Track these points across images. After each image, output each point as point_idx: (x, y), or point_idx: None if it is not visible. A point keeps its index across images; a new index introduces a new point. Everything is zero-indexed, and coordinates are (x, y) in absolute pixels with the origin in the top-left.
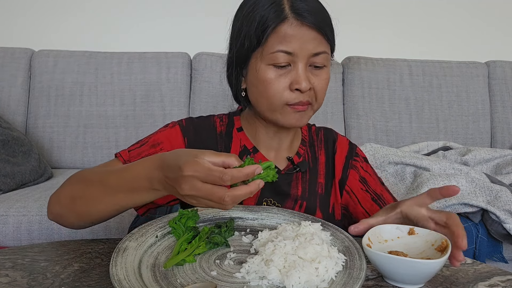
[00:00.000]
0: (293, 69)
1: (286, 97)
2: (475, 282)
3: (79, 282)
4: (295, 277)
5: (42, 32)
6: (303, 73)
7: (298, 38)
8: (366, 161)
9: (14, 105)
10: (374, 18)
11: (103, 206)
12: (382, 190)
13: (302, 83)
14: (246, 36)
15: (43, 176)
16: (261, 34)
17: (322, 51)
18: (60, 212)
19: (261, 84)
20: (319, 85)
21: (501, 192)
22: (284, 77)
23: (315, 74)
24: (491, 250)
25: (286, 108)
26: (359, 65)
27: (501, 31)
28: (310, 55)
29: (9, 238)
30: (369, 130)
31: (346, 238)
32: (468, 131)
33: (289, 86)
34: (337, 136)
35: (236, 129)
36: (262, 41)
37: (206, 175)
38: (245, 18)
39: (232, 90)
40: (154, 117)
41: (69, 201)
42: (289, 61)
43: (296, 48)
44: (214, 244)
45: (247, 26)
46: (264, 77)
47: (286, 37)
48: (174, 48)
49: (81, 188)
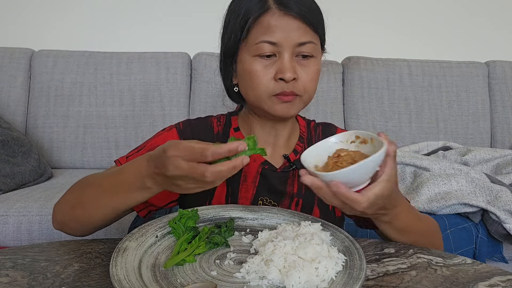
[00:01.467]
0: (278, 59)
1: (271, 87)
2: (475, 282)
3: (79, 282)
4: (295, 277)
5: (42, 32)
6: (288, 63)
7: (282, 28)
8: None
9: (13, 105)
10: (374, 18)
11: (100, 210)
12: None
13: (286, 72)
14: (233, 28)
15: (43, 176)
16: (245, 26)
17: (308, 40)
18: (62, 220)
19: (247, 76)
20: (307, 76)
21: (501, 192)
22: (270, 67)
23: (302, 65)
24: (491, 250)
25: (273, 98)
26: (358, 65)
27: (501, 31)
28: (295, 45)
29: (9, 238)
30: (369, 130)
31: (346, 238)
32: (468, 131)
33: (274, 76)
34: (336, 130)
35: (233, 129)
36: (246, 32)
37: (188, 153)
38: (233, 12)
39: (224, 85)
40: (153, 117)
41: (70, 208)
42: (274, 51)
43: (280, 38)
44: (214, 244)
45: (234, 19)
46: (250, 68)
47: (269, 27)
48: (174, 48)
49: (79, 194)
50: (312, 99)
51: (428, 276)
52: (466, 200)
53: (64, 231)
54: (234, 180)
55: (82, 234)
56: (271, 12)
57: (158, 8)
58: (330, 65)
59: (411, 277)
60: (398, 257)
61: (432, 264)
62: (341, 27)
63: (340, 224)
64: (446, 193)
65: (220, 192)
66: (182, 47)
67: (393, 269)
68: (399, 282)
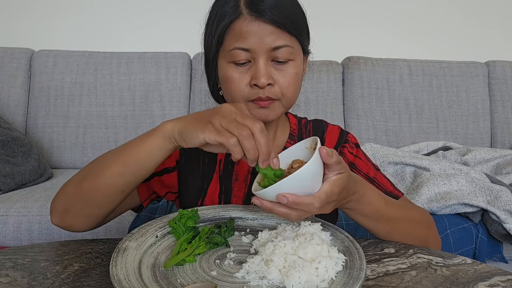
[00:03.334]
0: (253, 65)
1: (247, 93)
2: (475, 282)
3: (79, 282)
4: (295, 277)
5: (42, 32)
6: (263, 69)
7: (254, 34)
8: (358, 147)
9: (13, 105)
10: (374, 18)
11: (108, 173)
12: (376, 174)
13: (260, 79)
14: (211, 34)
15: (43, 176)
16: (220, 32)
17: (283, 44)
18: (65, 204)
19: (225, 82)
20: (284, 81)
21: (501, 192)
22: (245, 74)
23: (279, 69)
24: (491, 250)
25: (250, 104)
26: (358, 65)
27: (501, 31)
28: (269, 50)
29: (9, 238)
30: (368, 130)
31: (346, 238)
32: (468, 131)
33: (249, 82)
34: (327, 126)
35: None
36: (221, 39)
37: (241, 113)
38: (210, 17)
39: (209, 88)
40: (153, 117)
41: (77, 185)
42: (249, 57)
43: (253, 44)
44: (214, 244)
45: (211, 24)
46: (226, 75)
47: (241, 33)
48: (174, 48)
49: (88, 167)
50: (312, 99)
51: (428, 276)
52: (466, 200)
53: (63, 223)
54: (227, 179)
55: (84, 223)
56: (243, 18)
57: (158, 8)
58: (330, 65)
59: (411, 277)
60: (398, 257)
61: (432, 264)
62: (341, 27)
63: (334, 220)
64: (446, 193)
65: (213, 190)
66: (182, 47)
67: (393, 269)
68: (399, 282)
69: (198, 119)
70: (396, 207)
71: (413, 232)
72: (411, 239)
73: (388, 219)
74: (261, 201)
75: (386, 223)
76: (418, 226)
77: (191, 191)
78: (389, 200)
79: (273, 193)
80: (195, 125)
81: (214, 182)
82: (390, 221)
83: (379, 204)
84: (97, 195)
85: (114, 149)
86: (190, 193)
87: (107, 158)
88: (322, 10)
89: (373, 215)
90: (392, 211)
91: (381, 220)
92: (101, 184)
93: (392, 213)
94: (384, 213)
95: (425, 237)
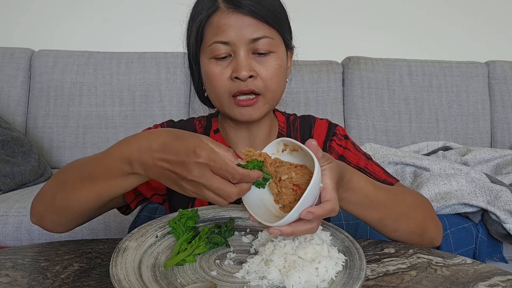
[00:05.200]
0: (234, 58)
1: (228, 87)
2: (475, 282)
3: (79, 282)
4: (295, 277)
5: (42, 32)
6: (243, 61)
7: (232, 26)
8: (347, 138)
9: (13, 105)
10: (374, 18)
11: (81, 197)
12: (368, 163)
13: (241, 71)
14: (191, 32)
15: (43, 176)
16: (198, 28)
17: (262, 36)
18: (41, 212)
19: (207, 79)
20: (266, 73)
21: (501, 192)
22: (226, 68)
23: (260, 62)
24: (491, 250)
25: (232, 102)
26: (358, 65)
27: (501, 31)
28: (248, 42)
29: (9, 238)
30: (368, 130)
31: (346, 238)
32: (468, 131)
33: (231, 76)
34: (315, 121)
35: (213, 131)
36: (200, 35)
37: (220, 167)
38: (191, 15)
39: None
40: (153, 117)
41: (50, 197)
42: (229, 51)
43: (231, 37)
44: (214, 244)
45: (191, 23)
46: (207, 71)
47: (219, 27)
48: (174, 48)
49: (61, 181)
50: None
51: (428, 276)
52: (466, 200)
53: (42, 226)
54: None
55: (62, 229)
56: (220, 11)
57: (158, 8)
58: (330, 65)
59: (411, 277)
60: (398, 257)
61: (432, 264)
62: (342, 27)
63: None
64: (446, 193)
65: None
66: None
67: (393, 269)
68: (399, 282)
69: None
70: (386, 191)
71: (408, 216)
72: (407, 224)
73: (378, 204)
74: (280, 230)
75: (377, 210)
76: (413, 210)
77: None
78: (378, 184)
79: (293, 216)
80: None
81: None
82: (381, 207)
83: (367, 189)
84: (70, 212)
85: (84, 168)
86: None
87: (78, 180)
88: (322, 10)
89: (362, 202)
90: (382, 195)
91: (371, 207)
92: (73, 204)
93: (383, 197)
94: (374, 198)
95: (422, 221)
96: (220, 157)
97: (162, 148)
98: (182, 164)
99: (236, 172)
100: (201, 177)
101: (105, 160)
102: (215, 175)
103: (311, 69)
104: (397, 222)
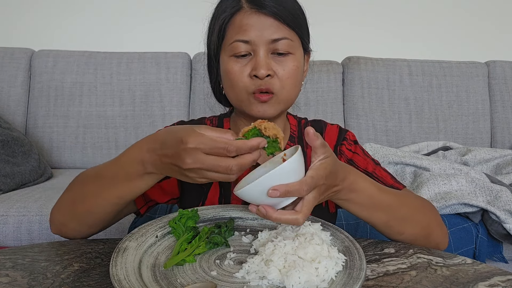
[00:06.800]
0: (254, 57)
1: (247, 85)
2: (475, 282)
3: (79, 282)
4: (295, 277)
5: (42, 32)
6: (262, 60)
7: (254, 26)
8: (356, 143)
9: (14, 105)
10: (374, 18)
11: (101, 202)
12: (376, 168)
13: (260, 69)
14: (213, 31)
15: (43, 176)
16: (221, 26)
17: (282, 37)
18: (62, 220)
19: (226, 76)
20: (283, 73)
21: (501, 192)
22: (246, 66)
23: (278, 61)
24: (491, 250)
25: (251, 98)
26: (359, 65)
27: (501, 31)
28: (268, 42)
29: (9, 238)
30: (369, 130)
31: (346, 238)
32: (468, 131)
33: (250, 74)
34: (326, 126)
35: None
36: (222, 33)
37: (211, 147)
38: (213, 15)
39: (212, 88)
40: (153, 117)
41: (70, 204)
42: (249, 50)
43: (253, 36)
44: (214, 244)
45: (214, 21)
46: (227, 68)
47: (242, 26)
48: (174, 48)
49: (79, 189)
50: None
51: (428, 276)
52: (466, 200)
53: (63, 234)
54: (226, 183)
55: (82, 236)
56: (243, 11)
57: (158, 8)
58: (330, 65)
59: (411, 277)
60: (398, 257)
61: (432, 264)
62: (341, 27)
63: (333, 220)
64: (446, 193)
65: (213, 193)
66: (182, 47)
67: (393, 269)
68: (399, 282)
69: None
70: (391, 194)
71: (414, 219)
72: (412, 227)
73: (383, 206)
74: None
75: (383, 212)
76: (418, 213)
77: (191, 195)
78: (383, 187)
79: (259, 187)
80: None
81: (214, 186)
82: (386, 209)
83: (371, 191)
84: (91, 218)
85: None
86: (190, 197)
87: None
88: (322, 9)
89: (367, 203)
90: (387, 197)
91: (376, 209)
92: (95, 209)
93: (387, 199)
94: (379, 200)
95: (428, 225)
96: (208, 137)
97: (160, 146)
98: (176, 155)
99: (229, 145)
100: (195, 162)
101: (123, 164)
102: (209, 155)
103: (311, 69)
104: (402, 225)
